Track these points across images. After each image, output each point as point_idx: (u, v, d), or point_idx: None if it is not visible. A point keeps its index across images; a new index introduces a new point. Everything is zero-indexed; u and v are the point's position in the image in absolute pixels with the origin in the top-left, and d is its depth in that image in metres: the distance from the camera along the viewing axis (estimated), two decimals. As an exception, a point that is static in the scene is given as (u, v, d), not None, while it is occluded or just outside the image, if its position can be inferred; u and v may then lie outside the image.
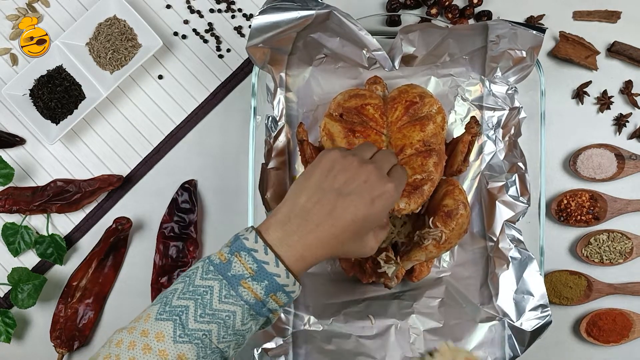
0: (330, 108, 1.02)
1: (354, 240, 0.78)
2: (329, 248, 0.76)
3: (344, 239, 0.76)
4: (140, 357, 0.69)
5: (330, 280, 1.07)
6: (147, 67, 1.15)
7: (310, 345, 1.01)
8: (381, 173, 0.79)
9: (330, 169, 0.78)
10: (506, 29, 0.99)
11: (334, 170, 0.78)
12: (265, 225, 0.77)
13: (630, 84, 1.14)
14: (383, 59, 1.01)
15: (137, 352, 0.70)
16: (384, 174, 0.79)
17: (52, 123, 1.12)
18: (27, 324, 1.15)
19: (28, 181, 1.15)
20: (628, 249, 1.12)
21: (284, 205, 0.78)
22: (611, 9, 1.14)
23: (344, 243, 0.77)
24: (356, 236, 0.78)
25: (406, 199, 0.96)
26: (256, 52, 0.98)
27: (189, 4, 1.16)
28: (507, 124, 1.07)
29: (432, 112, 0.99)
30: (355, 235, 0.77)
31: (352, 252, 0.80)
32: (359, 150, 0.83)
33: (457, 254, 1.08)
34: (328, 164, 0.79)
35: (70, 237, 1.15)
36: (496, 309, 1.04)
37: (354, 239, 0.78)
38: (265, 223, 0.77)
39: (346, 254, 0.80)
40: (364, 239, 0.80)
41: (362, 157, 0.80)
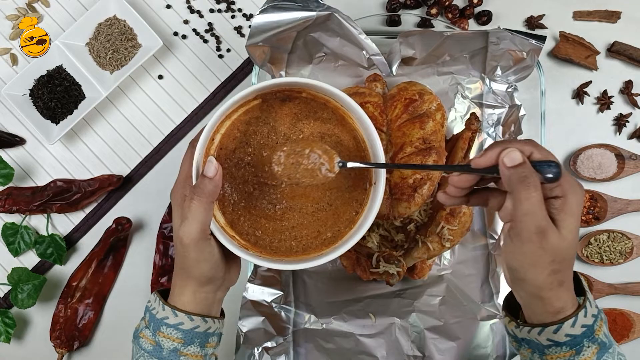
0: (331, 107, 1.02)
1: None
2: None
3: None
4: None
5: (331, 278, 1.07)
6: (147, 67, 1.15)
7: (310, 344, 1.01)
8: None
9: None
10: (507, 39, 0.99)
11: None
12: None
13: (630, 84, 1.14)
14: (381, 64, 1.02)
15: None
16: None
17: (52, 123, 1.12)
18: (27, 324, 1.15)
19: (28, 181, 1.15)
20: (628, 249, 1.12)
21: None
22: (611, 9, 1.15)
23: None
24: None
25: (406, 203, 0.96)
26: (256, 51, 0.98)
27: (189, 4, 1.16)
28: (507, 122, 1.07)
29: (431, 110, 0.99)
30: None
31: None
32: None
33: (458, 252, 1.08)
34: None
35: (70, 237, 1.14)
36: (497, 307, 1.04)
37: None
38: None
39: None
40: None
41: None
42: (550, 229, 0.68)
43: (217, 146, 0.82)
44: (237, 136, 0.83)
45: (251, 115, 0.83)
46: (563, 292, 0.71)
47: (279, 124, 0.84)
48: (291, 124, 0.84)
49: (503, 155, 0.68)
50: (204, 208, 0.75)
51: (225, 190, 0.83)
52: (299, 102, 0.85)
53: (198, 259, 0.77)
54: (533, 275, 0.71)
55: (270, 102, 0.84)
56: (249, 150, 0.83)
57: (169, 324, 0.77)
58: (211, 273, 0.78)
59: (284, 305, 1.02)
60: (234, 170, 0.83)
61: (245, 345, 0.97)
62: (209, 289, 0.80)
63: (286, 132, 0.84)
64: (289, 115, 0.84)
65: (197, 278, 0.78)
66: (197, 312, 0.79)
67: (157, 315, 0.78)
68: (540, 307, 0.73)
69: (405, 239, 1.03)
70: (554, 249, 0.68)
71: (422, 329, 1.02)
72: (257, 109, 0.83)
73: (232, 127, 0.83)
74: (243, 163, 0.83)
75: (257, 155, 0.83)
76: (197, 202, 0.74)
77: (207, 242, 0.76)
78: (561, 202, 0.69)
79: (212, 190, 0.75)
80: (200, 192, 0.75)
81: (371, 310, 1.03)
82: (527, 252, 0.70)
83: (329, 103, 0.84)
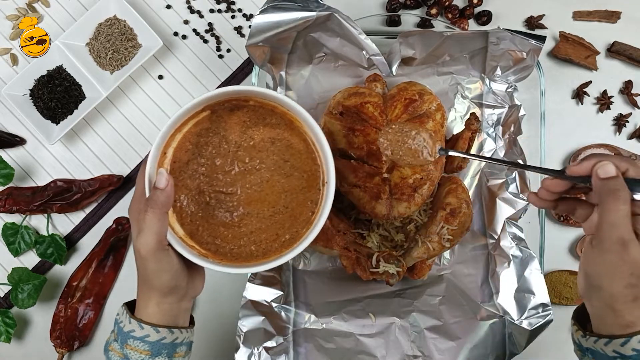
0: (330, 106, 1.02)
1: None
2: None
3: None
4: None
5: (331, 278, 1.07)
6: (147, 67, 1.16)
7: (310, 344, 1.01)
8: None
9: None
10: (507, 40, 0.99)
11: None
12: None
13: (630, 84, 1.14)
14: (381, 64, 1.02)
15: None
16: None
17: (52, 123, 1.12)
18: (27, 324, 1.15)
19: (28, 181, 1.15)
20: (628, 249, 1.12)
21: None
22: (611, 9, 1.15)
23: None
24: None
25: (406, 203, 0.96)
26: (256, 51, 0.98)
27: (189, 4, 1.16)
28: (506, 122, 1.07)
29: (431, 110, 0.99)
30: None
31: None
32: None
33: (458, 252, 1.08)
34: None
35: (70, 237, 1.15)
36: (497, 307, 1.04)
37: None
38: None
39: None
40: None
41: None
42: (633, 242, 0.70)
43: (171, 159, 0.83)
44: (189, 148, 0.84)
45: (201, 127, 0.85)
46: (636, 307, 0.72)
47: (229, 132, 0.85)
48: (241, 131, 0.85)
49: (597, 167, 0.72)
50: (158, 219, 0.76)
51: (182, 201, 0.84)
52: (247, 110, 0.86)
53: (157, 270, 0.77)
54: (609, 284, 0.72)
55: (219, 113, 0.85)
56: (202, 161, 0.84)
57: (136, 336, 0.78)
58: (172, 283, 0.79)
59: (284, 305, 1.02)
60: (189, 182, 0.84)
61: (245, 345, 0.97)
62: (172, 300, 0.80)
63: (237, 140, 0.85)
64: (238, 124, 0.85)
65: (158, 289, 0.79)
66: (162, 323, 0.80)
67: (124, 329, 0.79)
68: (612, 318, 0.74)
69: (405, 239, 1.03)
70: (634, 262, 0.70)
71: (422, 328, 1.02)
72: (207, 120, 0.85)
73: (183, 140, 0.84)
74: (197, 174, 0.84)
75: (211, 165, 0.85)
76: (150, 213, 0.76)
77: (164, 253, 0.77)
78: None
79: (164, 201, 0.77)
80: (153, 203, 0.76)
81: (371, 310, 1.03)
82: (607, 261, 0.72)
83: (277, 109, 0.86)
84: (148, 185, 0.79)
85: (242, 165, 0.85)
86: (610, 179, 0.71)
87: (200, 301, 1.14)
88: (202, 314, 1.14)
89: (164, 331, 0.79)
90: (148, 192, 0.78)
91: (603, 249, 0.71)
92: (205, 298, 1.14)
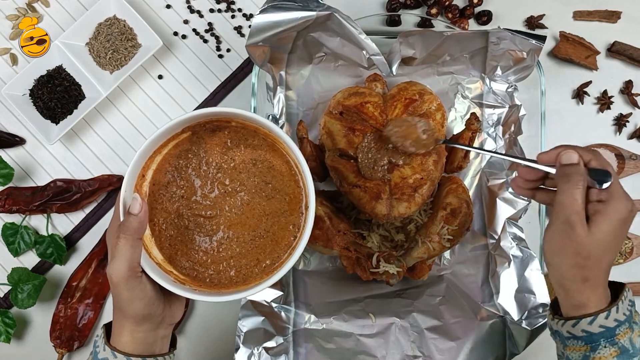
0: (330, 106, 1.02)
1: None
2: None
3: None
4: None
5: (331, 278, 1.07)
6: (147, 67, 1.15)
7: (310, 344, 1.01)
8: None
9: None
10: (507, 39, 0.99)
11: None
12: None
13: (630, 84, 1.14)
14: (381, 64, 1.02)
15: None
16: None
17: (52, 123, 1.12)
18: (27, 324, 1.15)
19: (28, 181, 1.15)
20: (628, 249, 1.12)
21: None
22: (611, 9, 1.15)
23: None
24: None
25: (406, 203, 0.96)
26: (256, 51, 0.98)
27: (189, 4, 1.16)
28: (507, 122, 1.07)
29: (431, 110, 0.99)
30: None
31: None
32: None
33: (458, 252, 1.08)
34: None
35: (70, 237, 1.14)
36: (497, 307, 1.04)
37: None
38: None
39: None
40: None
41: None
42: (580, 223, 0.74)
43: (150, 182, 0.82)
44: (168, 170, 0.83)
45: (181, 148, 0.83)
46: (587, 289, 0.75)
47: (209, 154, 0.83)
48: (222, 152, 0.84)
49: (561, 154, 0.77)
50: (130, 245, 0.74)
51: (161, 225, 0.82)
52: (229, 130, 0.84)
53: (130, 298, 0.75)
54: (557, 262, 0.76)
55: (199, 134, 0.83)
56: (182, 183, 0.83)
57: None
58: (146, 311, 0.77)
59: (284, 305, 1.02)
60: (168, 205, 0.82)
61: (245, 345, 0.97)
62: (147, 328, 0.78)
63: (217, 161, 0.83)
64: (219, 145, 0.84)
65: (132, 317, 0.76)
66: (136, 353, 0.77)
67: (99, 355, 0.78)
68: (564, 297, 0.78)
69: (405, 239, 1.03)
70: (578, 242, 0.73)
71: (422, 329, 1.02)
72: (187, 141, 0.83)
73: (163, 162, 0.83)
74: (176, 197, 0.83)
75: (190, 188, 0.83)
76: (123, 240, 0.74)
77: (137, 280, 0.75)
78: (602, 206, 0.74)
79: (137, 227, 0.75)
80: (126, 229, 0.74)
81: (371, 310, 1.03)
82: (555, 239, 0.76)
83: (259, 130, 0.84)
84: (122, 209, 0.77)
85: (222, 188, 0.83)
86: (569, 165, 0.76)
87: (200, 301, 1.14)
88: (202, 314, 1.14)
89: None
90: (122, 217, 0.77)
91: (553, 228, 0.76)
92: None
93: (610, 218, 0.74)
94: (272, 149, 0.84)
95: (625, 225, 0.75)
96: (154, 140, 0.79)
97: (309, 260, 1.08)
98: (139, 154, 0.78)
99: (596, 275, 0.75)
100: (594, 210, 0.75)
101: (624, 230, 0.76)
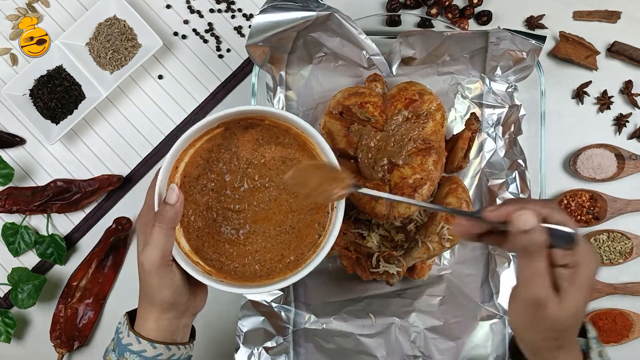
0: (330, 106, 1.02)
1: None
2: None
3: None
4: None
5: (331, 278, 1.07)
6: (147, 67, 1.15)
7: (310, 344, 1.01)
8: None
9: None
10: (507, 39, 0.99)
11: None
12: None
13: (630, 84, 1.14)
14: (381, 64, 1.02)
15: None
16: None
17: (52, 123, 1.12)
18: (27, 324, 1.15)
19: (28, 181, 1.15)
20: (628, 249, 1.12)
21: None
22: (611, 9, 1.15)
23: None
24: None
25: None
26: (256, 51, 0.98)
27: (189, 4, 1.16)
28: (507, 122, 1.07)
29: (431, 110, 0.99)
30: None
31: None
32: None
33: (458, 252, 1.08)
34: None
35: (70, 237, 1.15)
36: (497, 307, 1.04)
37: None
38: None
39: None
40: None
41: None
42: (550, 299, 0.67)
43: (182, 174, 0.83)
44: (200, 163, 0.84)
45: (214, 142, 0.84)
46: (561, 355, 0.71)
47: (241, 149, 0.84)
48: (253, 149, 0.85)
49: (516, 216, 0.66)
50: (165, 234, 0.75)
51: (190, 217, 0.83)
52: (261, 128, 0.85)
53: (160, 285, 0.77)
54: (529, 337, 0.72)
55: (232, 130, 0.85)
56: (212, 176, 0.84)
57: (133, 350, 0.78)
58: (173, 299, 0.78)
59: (284, 305, 1.03)
60: (198, 197, 0.84)
61: (245, 345, 0.98)
62: (172, 316, 0.80)
63: (248, 157, 0.84)
64: (250, 142, 0.85)
65: (159, 304, 0.78)
66: (160, 339, 0.79)
67: (122, 340, 0.79)
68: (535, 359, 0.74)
69: (405, 239, 1.03)
70: (552, 319, 0.68)
71: (422, 329, 1.02)
72: (220, 136, 0.84)
73: (195, 155, 0.84)
74: (207, 189, 0.84)
75: (220, 181, 0.84)
76: (157, 228, 0.75)
77: (168, 268, 0.77)
78: (570, 273, 0.67)
79: (173, 216, 0.76)
80: (162, 218, 0.75)
81: (371, 310, 1.03)
82: (524, 315, 0.70)
83: (291, 130, 0.85)
84: (157, 199, 0.78)
85: (251, 183, 0.84)
86: (527, 231, 0.66)
87: (200, 301, 1.14)
88: (202, 314, 1.13)
89: (161, 347, 0.78)
90: (157, 206, 0.78)
91: (519, 304, 0.70)
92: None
93: (581, 286, 0.67)
94: (302, 149, 0.85)
95: (593, 281, 0.68)
96: (191, 135, 0.81)
97: (309, 260, 1.09)
98: (175, 148, 0.79)
99: (571, 340, 0.72)
100: (562, 278, 0.67)
101: (593, 286, 0.71)
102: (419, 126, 0.98)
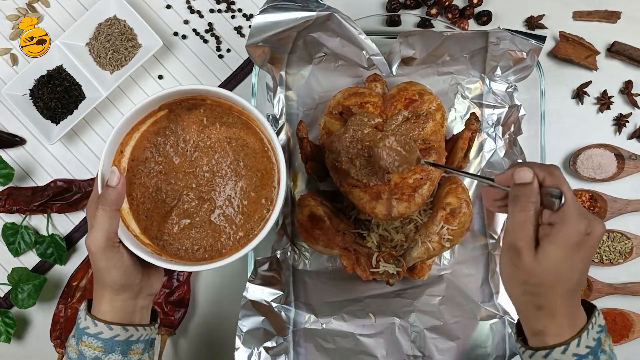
0: (330, 106, 1.02)
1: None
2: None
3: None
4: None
5: (331, 278, 1.07)
6: (147, 67, 1.15)
7: (310, 344, 1.01)
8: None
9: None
10: (507, 40, 0.99)
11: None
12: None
13: (630, 84, 1.14)
14: (381, 64, 1.02)
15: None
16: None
17: (52, 123, 1.12)
18: (27, 324, 1.15)
19: (28, 181, 1.15)
20: (628, 249, 1.12)
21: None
22: (611, 9, 1.15)
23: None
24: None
25: (406, 203, 0.96)
26: (256, 51, 0.98)
27: (189, 4, 1.16)
28: (506, 122, 1.07)
29: (431, 110, 0.99)
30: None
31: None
32: None
33: (457, 252, 1.08)
34: None
35: (70, 237, 1.15)
36: (497, 307, 1.04)
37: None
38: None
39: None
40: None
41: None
42: (526, 250, 0.71)
43: (129, 158, 0.85)
44: (147, 147, 0.86)
45: (159, 125, 0.86)
46: (543, 317, 0.73)
47: (187, 131, 0.87)
48: (199, 130, 0.87)
49: (515, 172, 0.73)
50: (109, 216, 0.77)
51: (139, 199, 0.86)
52: (205, 108, 0.87)
53: (107, 267, 0.78)
54: (509, 288, 0.76)
55: (177, 112, 0.87)
56: (160, 159, 0.86)
57: (90, 333, 0.79)
58: (124, 280, 0.80)
59: (284, 305, 1.02)
60: (146, 180, 0.86)
61: (245, 345, 0.97)
62: (125, 297, 0.81)
63: (194, 138, 0.87)
64: (195, 122, 0.87)
65: (110, 286, 0.79)
66: (116, 321, 0.80)
67: (80, 325, 0.80)
68: (522, 321, 0.77)
69: (405, 239, 1.03)
70: (526, 270, 0.71)
71: (422, 328, 1.02)
72: (165, 119, 0.87)
73: (142, 139, 0.86)
74: (154, 172, 0.86)
75: (169, 163, 0.86)
76: (101, 211, 0.77)
77: (114, 250, 0.78)
78: (551, 230, 0.71)
79: (115, 198, 0.78)
80: (104, 201, 0.77)
81: (371, 310, 1.03)
82: (504, 265, 0.75)
83: (233, 108, 0.87)
84: (100, 183, 0.80)
85: (198, 164, 0.86)
86: (521, 185, 0.72)
87: (200, 301, 1.14)
88: (202, 314, 1.14)
89: (117, 328, 0.79)
90: (100, 190, 0.79)
91: (503, 254, 0.75)
92: (205, 298, 1.14)
93: (558, 243, 0.69)
94: (246, 127, 0.87)
95: (578, 249, 0.70)
96: (131, 117, 0.82)
97: (309, 260, 1.08)
98: (115, 130, 0.81)
99: (551, 303, 0.72)
100: (543, 234, 0.71)
101: (579, 254, 0.71)
102: (419, 126, 0.98)
